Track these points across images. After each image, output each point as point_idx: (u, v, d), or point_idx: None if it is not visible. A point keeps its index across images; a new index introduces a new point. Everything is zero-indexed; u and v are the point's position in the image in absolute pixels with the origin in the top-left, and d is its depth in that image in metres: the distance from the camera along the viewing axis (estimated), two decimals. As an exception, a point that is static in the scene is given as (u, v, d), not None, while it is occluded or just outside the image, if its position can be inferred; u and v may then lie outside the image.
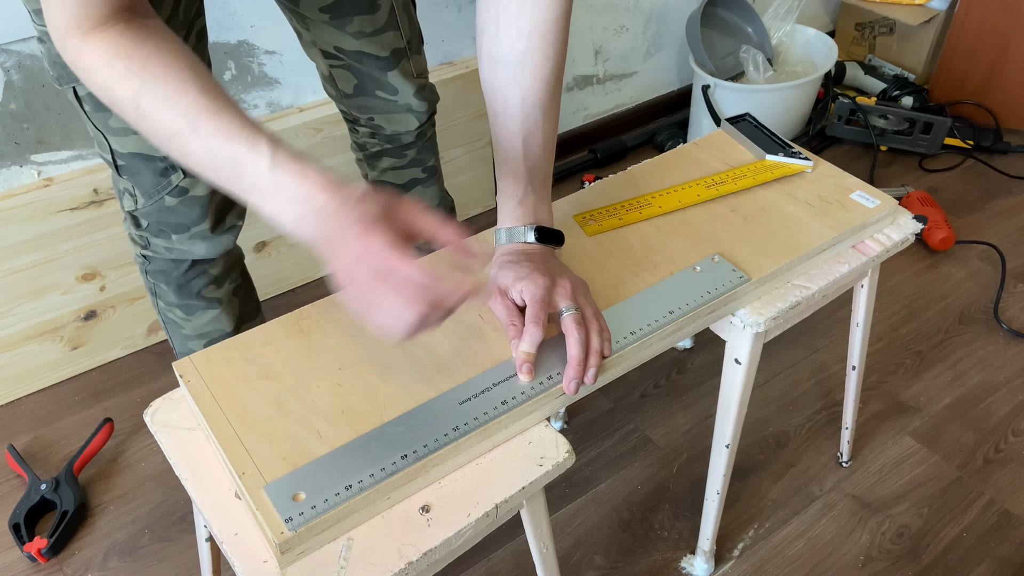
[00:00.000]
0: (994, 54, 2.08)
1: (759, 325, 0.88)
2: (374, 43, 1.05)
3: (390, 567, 0.66)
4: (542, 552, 0.84)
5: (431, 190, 1.27)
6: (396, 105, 1.12)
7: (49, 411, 1.49)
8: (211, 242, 1.02)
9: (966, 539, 1.25)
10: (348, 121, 1.20)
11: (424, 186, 1.25)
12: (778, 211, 0.97)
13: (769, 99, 1.95)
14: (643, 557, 1.24)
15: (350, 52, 1.06)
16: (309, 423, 0.73)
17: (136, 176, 0.94)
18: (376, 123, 1.15)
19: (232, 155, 0.65)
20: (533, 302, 0.77)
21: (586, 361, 0.75)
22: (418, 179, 1.24)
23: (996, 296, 1.65)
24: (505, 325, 0.79)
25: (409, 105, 1.12)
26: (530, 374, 0.75)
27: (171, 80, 0.65)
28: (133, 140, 0.91)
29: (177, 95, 0.65)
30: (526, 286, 0.78)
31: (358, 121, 1.17)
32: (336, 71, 1.09)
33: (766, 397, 1.48)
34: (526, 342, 0.75)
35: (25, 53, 1.29)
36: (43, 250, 1.40)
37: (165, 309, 1.10)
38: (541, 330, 0.76)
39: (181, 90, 0.65)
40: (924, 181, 1.98)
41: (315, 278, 1.74)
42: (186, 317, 1.09)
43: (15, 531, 1.27)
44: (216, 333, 1.11)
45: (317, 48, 1.08)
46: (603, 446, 1.40)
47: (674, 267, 0.89)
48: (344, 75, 1.09)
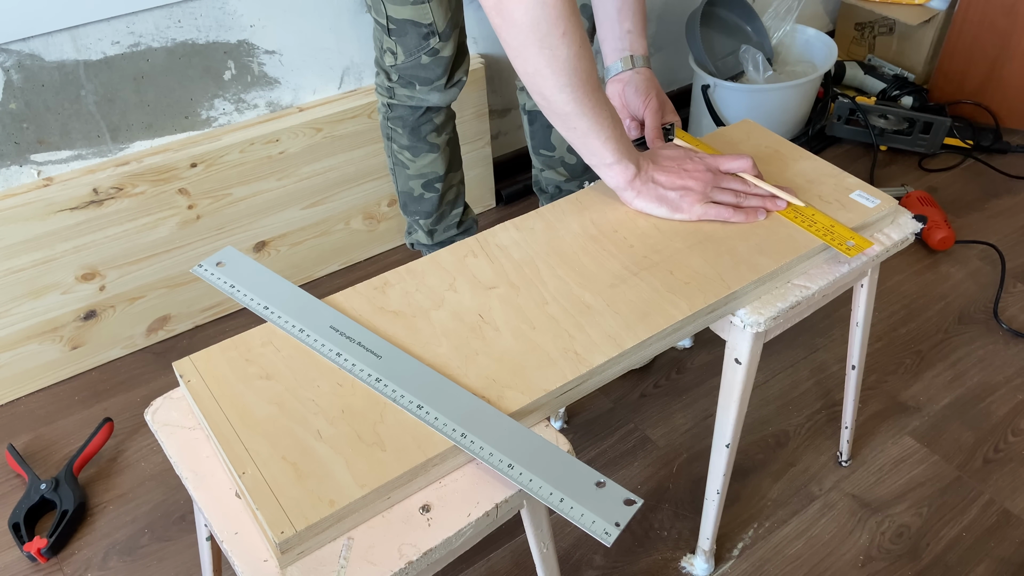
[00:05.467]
0: (994, 54, 2.08)
1: (759, 325, 0.88)
2: None
3: (390, 567, 0.66)
4: (542, 552, 0.84)
5: None
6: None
7: (49, 411, 1.49)
8: (444, 93, 1.31)
9: (966, 539, 1.25)
10: None
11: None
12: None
13: (769, 99, 1.95)
14: (643, 557, 1.24)
15: None
16: (309, 423, 0.73)
17: (403, 38, 1.22)
18: None
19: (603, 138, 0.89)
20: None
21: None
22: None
23: (996, 296, 1.65)
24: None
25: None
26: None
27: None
28: (407, 9, 1.19)
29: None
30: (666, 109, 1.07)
31: None
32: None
33: (766, 397, 1.48)
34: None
35: (25, 53, 1.29)
36: (43, 250, 1.40)
37: (397, 151, 1.40)
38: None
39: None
40: (924, 181, 1.98)
41: (315, 277, 1.74)
42: (412, 158, 1.40)
43: (15, 531, 1.27)
44: (431, 175, 1.42)
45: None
46: (603, 446, 1.40)
47: (674, 267, 0.89)
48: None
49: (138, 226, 1.48)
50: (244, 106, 1.55)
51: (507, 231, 0.95)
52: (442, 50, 1.24)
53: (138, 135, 1.47)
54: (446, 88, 1.30)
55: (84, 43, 1.34)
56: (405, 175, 1.43)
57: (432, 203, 1.46)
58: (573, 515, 0.66)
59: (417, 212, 1.48)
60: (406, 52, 1.24)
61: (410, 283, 0.88)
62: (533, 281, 0.88)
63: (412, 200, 1.46)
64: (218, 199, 1.54)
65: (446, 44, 1.23)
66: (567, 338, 0.81)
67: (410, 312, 0.84)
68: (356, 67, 1.63)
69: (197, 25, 1.41)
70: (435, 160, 1.41)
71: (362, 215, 1.74)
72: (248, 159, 1.53)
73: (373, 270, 1.76)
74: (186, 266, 1.56)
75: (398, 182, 1.46)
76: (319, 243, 1.71)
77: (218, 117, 1.53)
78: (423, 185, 1.43)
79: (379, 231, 1.78)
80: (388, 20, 1.21)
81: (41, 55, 1.31)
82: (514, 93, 1.86)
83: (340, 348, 0.79)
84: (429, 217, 1.48)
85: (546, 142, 1.47)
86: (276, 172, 1.58)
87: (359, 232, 1.75)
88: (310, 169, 1.62)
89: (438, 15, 1.20)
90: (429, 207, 1.46)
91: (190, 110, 1.49)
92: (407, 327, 0.83)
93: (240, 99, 1.54)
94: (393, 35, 1.23)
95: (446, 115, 1.39)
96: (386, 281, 0.88)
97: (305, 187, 1.63)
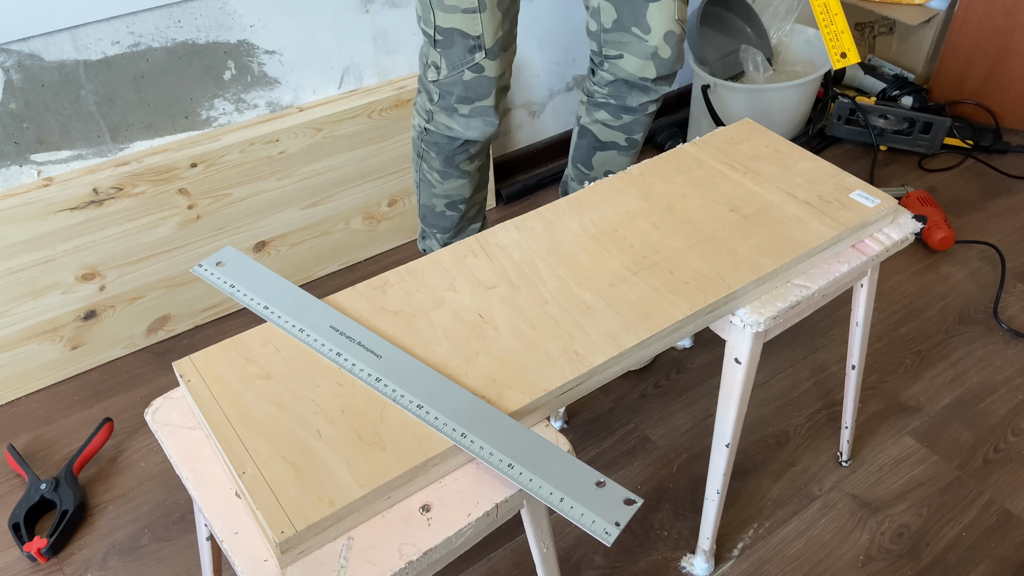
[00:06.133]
0: (994, 54, 2.08)
1: (759, 324, 0.88)
2: None
3: (390, 566, 0.66)
4: (542, 552, 0.84)
5: (623, 160, 1.40)
6: (645, 46, 1.22)
7: (49, 411, 1.49)
8: (486, 122, 1.26)
9: (965, 539, 1.25)
10: (593, 64, 1.32)
11: (620, 153, 1.39)
12: (778, 210, 0.97)
13: (769, 99, 1.95)
14: (643, 557, 1.24)
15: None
16: (309, 423, 0.73)
17: (448, 49, 1.19)
18: (620, 63, 1.26)
19: None
20: None
21: None
22: (619, 145, 1.38)
23: (996, 296, 1.65)
24: None
25: (656, 49, 1.22)
26: None
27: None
28: (457, 18, 1.15)
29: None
30: None
31: (603, 64, 1.29)
32: (603, 3, 1.23)
33: (766, 397, 1.48)
34: None
35: (25, 53, 1.29)
36: (43, 250, 1.40)
37: (426, 170, 1.38)
38: None
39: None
40: (924, 181, 1.98)
41: (315, 277, 1.74)
42: (441, 180, 1.38)
43: (15, 531, 1.27)
44: (457, 197, 1.41)
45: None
46: (603, 446, 1.40)
47: (674, 267, 0.89)
48: (608, 8, 1.22)
49: (138, 226, 1.48)
50: (244, 106, 1.55)
51: (507, 231, 0.95)
52: (487, 69, 1.20)
53: (138, 135, 1.47)
54: (493, 113, 1.25)
55: (84, 43, 1.34)
56: (430, 192, 1.41)
57: (453, 220, 1.45)
58: (573, 515, 0.66)
59: (436, 226, 1.47)
60: (449, 65, 1.20)
61: (410, 283, 0.88)
62: (533, 281, 0.88)
63: (433, 214, 1.45)
64: (218, 199, 1.54)
65: (492, 63, 1.19)
66: (567, 338, 0.81)
67: (410, 312, 0.84)
68: (356, 67, 1.63)
69: (197, 25, 1.41)
70: (463, 185, 1.39)
71: (362, 215, 1.74)
72: (248, 159, 1.53)
73: (373, 270, 1.76)
74: (186, 266, 1.56)
75: (421, 195, 1.44)
76: (319, 243, 1.71)
77: (218, 117, 1.53)
78: (447, 204, 1.42)
79: (379, 231, 1.78)
80: (436, 30, 1.18)
81: (41, 55, 1.31)
82: (514, 95, 1.86)
83: (340, 348, 0.79)
84: (447, 232, 1.47)
85: (587, 160, 1.43)
86: (276, 172, 1.58)
87: (359, 232, 1.75)
88: (310, 169, 1.62)
89: (488, 28, 1.16)
90: (449, 224, 1.46)
91: (190, 110, 1.49)
92: (407, 327, 0.83)
93: (240, 99, 1.54)
94: (439, 46, 1.19)
95: (483, 144, 1.35)
96: (386, 281, 0.88)
97: (305, 187, 1.63)
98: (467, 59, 1.18)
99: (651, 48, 1.22)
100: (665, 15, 1.19)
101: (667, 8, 1.19)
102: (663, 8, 1.19)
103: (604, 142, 1.38)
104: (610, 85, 1.30)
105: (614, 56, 1.26)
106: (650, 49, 1.22)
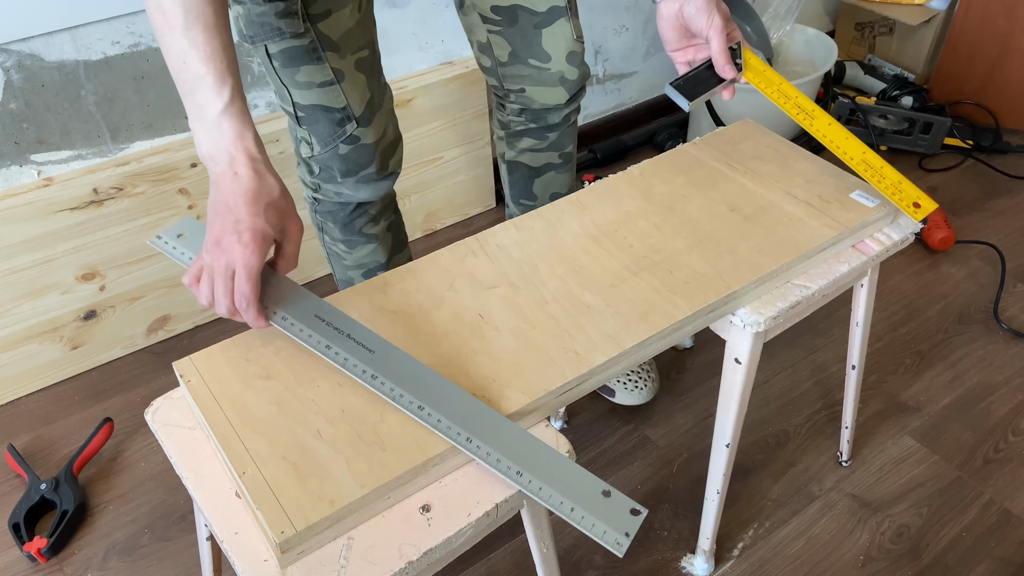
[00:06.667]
0: (994, 54, 2.08)
1: (759, 324, 0.88)
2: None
3: (390, 567, 0.66)
4: (542, 552, 0.84)
5: (563, 177, 1.32)
6: (548, 75, 1.15)
7: (49, 411, 1.49)
8: (375, 186, 1.13)
9: (966, 539, 1.25)
10: (498, 98, 1.24)
11: (557, 172, 1.31)
12: (778, 210, 0.97)
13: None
14: (643, 557, 1.24)
15: (505, 8, 1.09)
16: (309, 423, 0.73)
17: (314, 126, 1.05)
18: (526, 95, 1.19)
19: (201, 74, 0.73)
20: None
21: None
22: (553, 164, 1.29)
23: (996, 296, 1.65)
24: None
25: (561, 73, 1.15)
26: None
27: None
28: (315, 93, 1.01)
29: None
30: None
31: (508, 96, 1.21)
32: (493, 36, 1.14)
33: (766, 397, 1.48)
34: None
35: (25, 53, 1.29)
36: (43, 250, 1.40)
37: (330, 243, 1.25)
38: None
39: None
40: (924, 181, 1.98)
41: (315, 277, 1.74)
42: (348, 251, 1.24)
43: (15, 531, 1.27)
44: (372, 264, 1.26)
45: (476, 12, 1.12)
46: (603, 446, 1.40)
47: (674, 267, 0.89)
48: (500, 41, 1.14)
49: (138, 226, 1.48)
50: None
51: (507, 231, 0.95)
52: (363, 137, 1.06)
53: (138, 135, 1.47)
54: (378, 179, 1.13)
55: (84, 43, 1.34)
56: (342, 265, 1.28)
57: None
58: (584, 524, 0.66)
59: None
60: (321, 142, 1.07)
61: (410, 283, 0.88)
62: (533, 281, 0.88)
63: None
64: (218, 199, 1.54)
65: (367, 130, 1.06)
66: (567, 338, 0.81)
67: (410, 312, 0.84)
68: (356, 67, 1.63)
69: (197, 25, 1.41)
70: (375, 250, 1.24)
71: (362, 215, 1.74)
72: (248, 159, 1.53)
73: (373, 270, 1.76)
74: (186, 266, 1.56)
75: (335, 270, 1.31)
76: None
77: (218, 117, 1.53)
78: (363, 275, 1.27)
79: (379, 231, 1.78)
80: (295, 107, 1.04)
81: (41, 55, 1.31)
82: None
83: (329, 340, 0.77)
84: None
85: (527, 192, 1.33)
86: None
87: (359, 232, 1.75)
88: (310, 169, 1.62)
89: (352, 96, 1.02)
90: None
91: (190, 110, 1.49)
92: (407, 327, 0.83)
93: (240, 99, 1.53)
94: (303, 123, 1.06)
95: (382, 204, 1.22)
96: (386, 281, 0.88)
97: (305, 187, 1.63)
98: (338, 132, 1.05)
99: (555, 75, 1.15)
100: (561, 39, 1.11)
101: (561, 31, 1.11)
102: (557, 32, 1.10)
103: (537, 168, 1.29)
104: (524, 112, 1.23)
105: (516, 90, 1.19)
106: (555, 76, 1.15)
